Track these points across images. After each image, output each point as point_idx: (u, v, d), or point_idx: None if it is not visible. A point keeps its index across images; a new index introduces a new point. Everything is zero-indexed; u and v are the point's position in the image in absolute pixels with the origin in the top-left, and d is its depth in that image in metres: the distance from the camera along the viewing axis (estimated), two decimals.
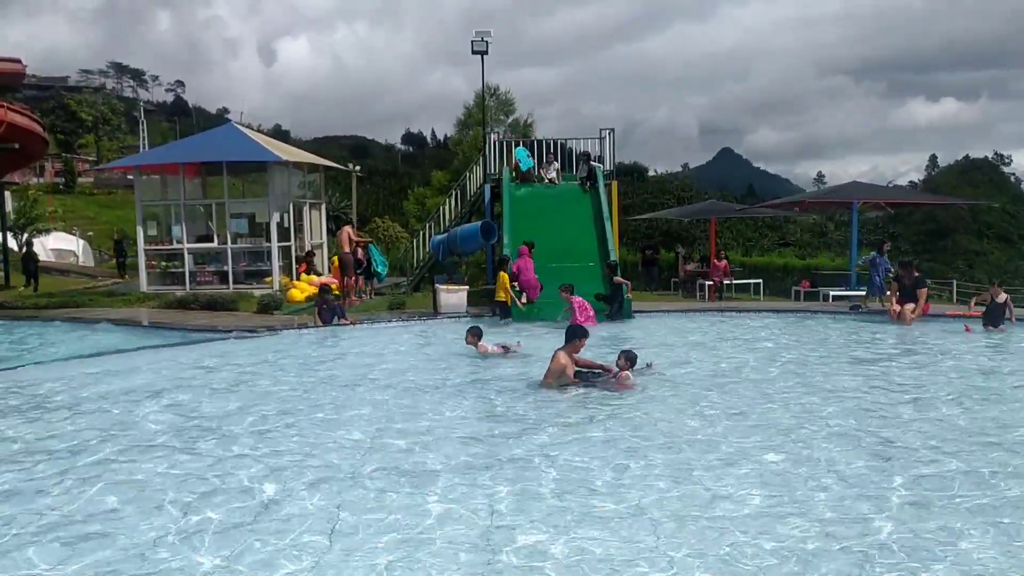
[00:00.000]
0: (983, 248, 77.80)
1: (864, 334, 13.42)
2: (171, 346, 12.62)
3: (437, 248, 20.94)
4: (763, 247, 46.27)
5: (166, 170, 22.85)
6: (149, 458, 6.09)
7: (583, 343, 8.94)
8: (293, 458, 6.08)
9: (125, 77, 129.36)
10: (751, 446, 6.33)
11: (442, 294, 16.85)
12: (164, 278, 21.53)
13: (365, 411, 7.77)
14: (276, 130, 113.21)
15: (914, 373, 9.72)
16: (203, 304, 17.51)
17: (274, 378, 9.69)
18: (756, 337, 13.20)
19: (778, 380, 9.28)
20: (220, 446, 6.44)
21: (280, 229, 21.46)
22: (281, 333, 13.81)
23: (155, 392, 8.68)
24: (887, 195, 24.63)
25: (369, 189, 76.40)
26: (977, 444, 6.30)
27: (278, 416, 7.52)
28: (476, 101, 45.17)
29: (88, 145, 78.26)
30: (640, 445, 6.37)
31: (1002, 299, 13.67)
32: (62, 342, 13.91)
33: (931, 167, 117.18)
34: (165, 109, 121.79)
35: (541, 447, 6.34)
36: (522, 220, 19.17)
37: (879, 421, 7.14)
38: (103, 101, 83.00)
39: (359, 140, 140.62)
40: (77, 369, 10.28)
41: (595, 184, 20.41)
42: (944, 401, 8.00)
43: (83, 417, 7.54)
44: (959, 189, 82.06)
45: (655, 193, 48.65)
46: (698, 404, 7.92)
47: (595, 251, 18.47)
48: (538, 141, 23.40)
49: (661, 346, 12.08)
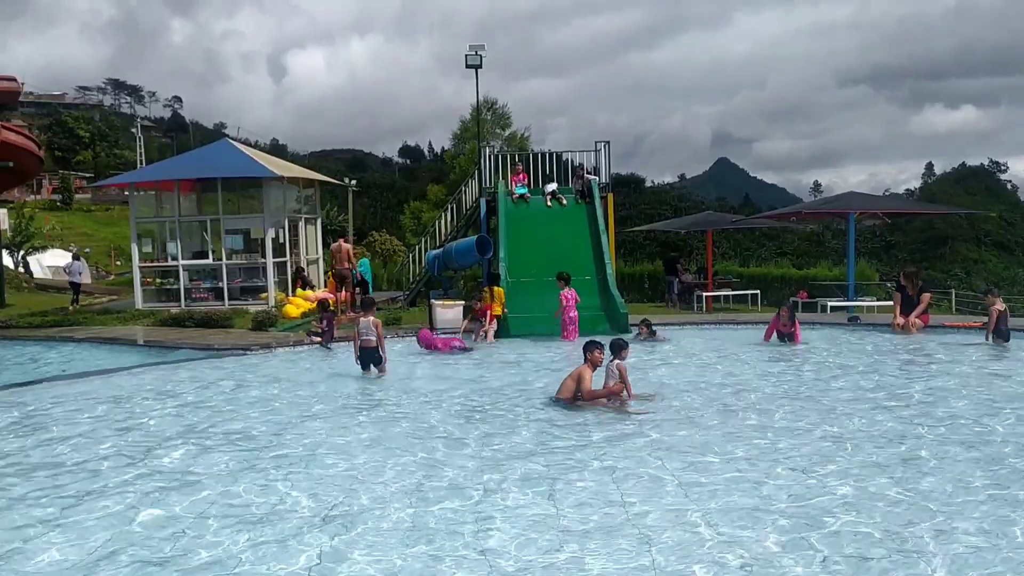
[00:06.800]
0: (981, 256, 77.87)
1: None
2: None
3: (433, 263, 20.89)
4: (760, 257, 46.27)
5: (161, 187, 22.83)
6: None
7: (601, 355, 8.77)
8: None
9: (123, 94, 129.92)
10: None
11: (438, 309, 16.78)
12: (159, 295, 21.45)
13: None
14: (273, 145, 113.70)
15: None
16: (198, 321, 17.41)
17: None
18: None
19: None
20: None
21: (275, 245, 21.40)
22: (276, 351, 13.72)
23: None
24: (884, 205, 24.63)
25: (367, 203, 76.49)
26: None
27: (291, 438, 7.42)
28: (472, 114, 45.24)
29: (86, 162, 78.42)
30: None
31: (1002, 308, 13.39)
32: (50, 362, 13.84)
33: (928, 175, 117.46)
34: (163, 125, 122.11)
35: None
36: (518, 234, 19.10)
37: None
38: (100, 117, 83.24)
39: (356, 154, 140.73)
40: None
41: (591, 197, 20.36)
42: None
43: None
44: (956, 197, 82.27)
45: (652, 204, 48.72)
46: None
47: (591, 264, 18.40)
48: (534, 155, 23.39)
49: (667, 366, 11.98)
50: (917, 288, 14.68)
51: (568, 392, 8.63)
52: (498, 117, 49.54)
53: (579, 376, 8.62)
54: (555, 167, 22.46)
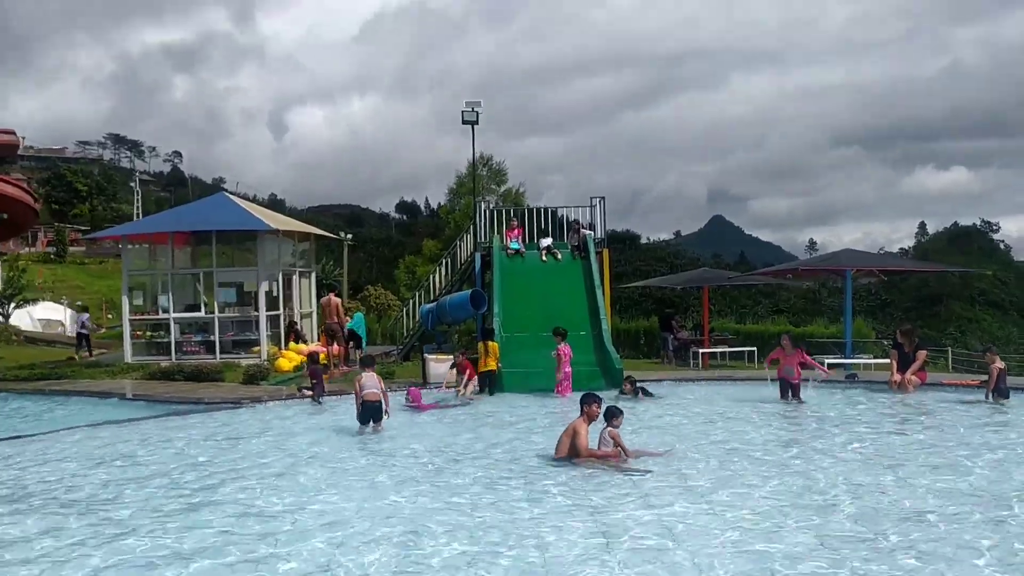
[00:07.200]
0: (975, 315, 77.97)
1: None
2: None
3: (426, 317, 20.71)
4: (757, 314, 46.19)
5: (155, 239, 22.75)
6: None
7: (598, 409, 8.54)
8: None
9: (123, 148, 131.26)
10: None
11: (431, 364, 16.56)
12: (149, 348, 21.20)
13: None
14: (272, 199, 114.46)
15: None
16: (187, 375, 17.16)
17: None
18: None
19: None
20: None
21: (269, 298, 21.24)
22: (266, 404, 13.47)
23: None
24: (880, 263, 24.61)
25: (362, 257, 76.71)
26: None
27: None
28: (468, 170, 45.59)
29: (83, 215, 78.69)
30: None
31: (1001, 366, 13.23)
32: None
33: (921, 234, 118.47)
34: (162, 180, 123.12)
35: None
36: (513, 289, 18.98)
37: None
38: (99, 171, 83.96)
39: (354, 209, 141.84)
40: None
41: (586, 252, 20.30)
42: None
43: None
44: (949, 256, 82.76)
45: (648, 260, 48.85)
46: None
47: (586, 320, 18.23)
48: (530, 210, 23.42)
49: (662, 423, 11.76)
50: (914, 346, 14.57)
51: (564, 450, 8.40)
52: (494, 173, 49.90)
53: (574, 431, 8.39)
54: (550, 223, 22.46)
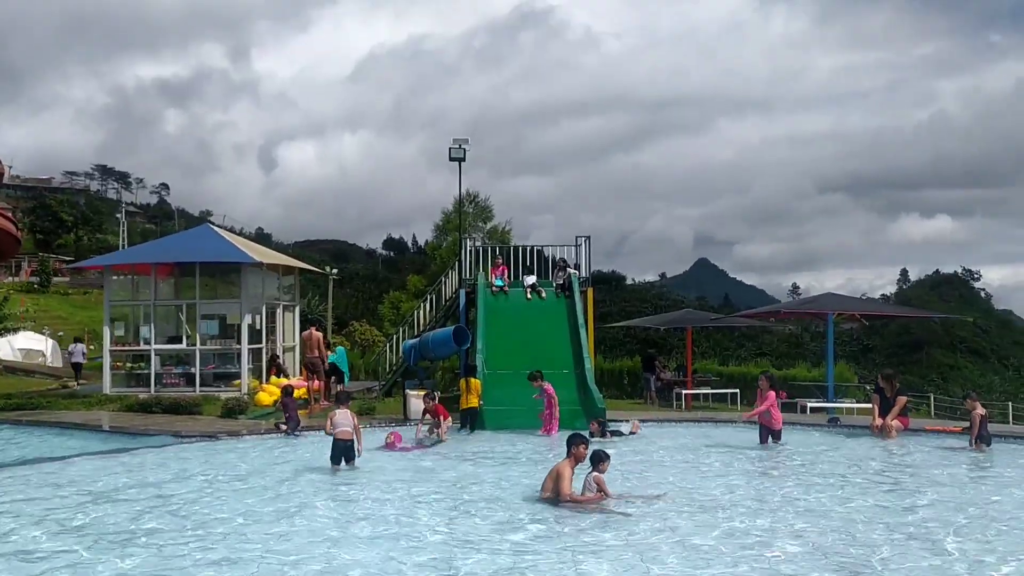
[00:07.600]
0: (956, 362, 78.48)
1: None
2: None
3: (409, 352, 20.60)
4: (740, 357, 46.34)
5: (139, 270, 22.61)
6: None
7: (585, 450, 8.40)
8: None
9: (110, 179, 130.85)
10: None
11: (412, 400, 16.42)
12: (129, 380, 20.96)
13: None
14: (259, 233, 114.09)
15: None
16: (165, 407, 16.97)
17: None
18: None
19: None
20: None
21: (252, 331, 21.10)
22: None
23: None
24: (861, 307, 24.82)
25: (348, 293, 76.53)
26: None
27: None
28: (455, 206, 45.72)
29: (67, 245, 78.24)
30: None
31: (983, 412, 13.26)
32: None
33: (903, 281, 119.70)
34: (148, 211, 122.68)
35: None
36: (497, 326, 18.98)
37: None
38: (86, 202, 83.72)
39: (340, 245, 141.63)
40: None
41: (571, 291, 20.34)
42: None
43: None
44: (931, 303, 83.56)
45: (633, 301, 49.04)
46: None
47: (569, 358, 18.21)
48: (514, 248, 23.47)
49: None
50: (895, 390, 14.61)
51: (548, 491, 8.30)
52: (480, 210, 50.01)
53: (558, 474, 8.26)
54: (535, 261, 22.52)
